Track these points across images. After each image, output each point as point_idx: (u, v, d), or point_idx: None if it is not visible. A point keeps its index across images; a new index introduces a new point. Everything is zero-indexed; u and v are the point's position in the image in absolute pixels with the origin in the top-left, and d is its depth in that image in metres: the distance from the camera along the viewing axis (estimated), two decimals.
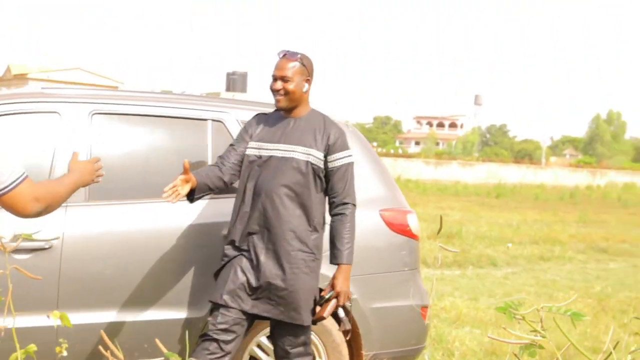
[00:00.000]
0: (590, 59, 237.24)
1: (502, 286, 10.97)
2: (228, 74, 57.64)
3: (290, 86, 4.34)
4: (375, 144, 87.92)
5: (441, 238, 14.94)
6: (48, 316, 2.29)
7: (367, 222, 5.06)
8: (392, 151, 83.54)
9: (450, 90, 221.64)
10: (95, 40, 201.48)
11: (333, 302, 4.32)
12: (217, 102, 5.16)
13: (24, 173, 3.26)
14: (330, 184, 4.39)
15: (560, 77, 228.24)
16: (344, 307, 4.39)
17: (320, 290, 4.40)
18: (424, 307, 5.18)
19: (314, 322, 4.42)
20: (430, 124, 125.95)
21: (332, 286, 4.33)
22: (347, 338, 4.60)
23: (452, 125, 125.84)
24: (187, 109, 4.87)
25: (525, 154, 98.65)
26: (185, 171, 4.13)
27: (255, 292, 4.26)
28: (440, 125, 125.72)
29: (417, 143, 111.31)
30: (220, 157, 4.42)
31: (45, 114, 4.62)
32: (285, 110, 4.42)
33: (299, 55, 4.40)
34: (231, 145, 4.45)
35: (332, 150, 4.37)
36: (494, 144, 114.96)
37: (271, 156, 4.34)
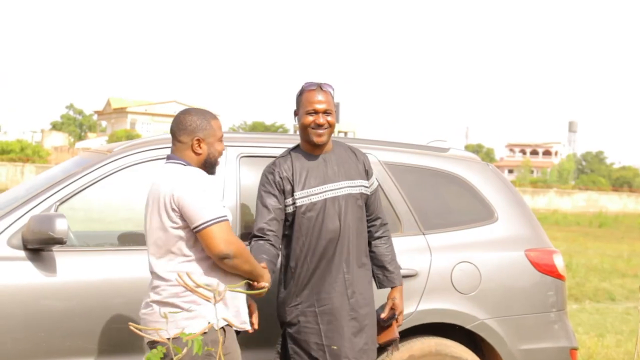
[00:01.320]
0: None
1: (626, 322, 10.66)
2: None
3: (332, 119, 4.18)
4: None
5: None
6: None
7: (512, 263, 5.04)
8: None
9: (543, 117, 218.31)
10: (187, 68, 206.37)
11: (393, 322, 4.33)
12: (360, 143, 5.16)
13: (224, 216, 3.59)
14: (370, 208, 4.33)
15: None
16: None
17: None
18: (573, 350, 5.09)
19: (388, 345, 4.37)
20: (523, 152, 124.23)
21: (393, 307, 4.30)
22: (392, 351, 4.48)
23: (546, 152, 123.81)
24: None
25: (623, 182, 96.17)
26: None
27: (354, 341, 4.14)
28: (534, 152, 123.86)
29: (510, 171, 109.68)
30: (261, 228, 4.06)
31: None
32: (317, 147, 4.21)
33: (331, 86, 4.25)
34: (264, 206, 4.12)
35: (369, 175, 4.33)
36: (590, 171, 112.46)
37: (325, 199, 4.14)
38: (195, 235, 3.60)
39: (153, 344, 3.65)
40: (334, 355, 4.08)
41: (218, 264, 3.61)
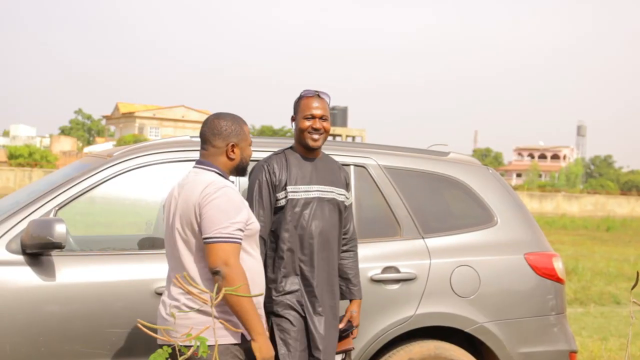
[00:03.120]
0: None
1: (631, 326, 10.62)
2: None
3: (328, 125, 4.35)
4: None
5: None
6: None
7: (511, 266, 5.03)
8: None
9: (551, 121, 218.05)
10: (195, 73, 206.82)
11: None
12: (360, 147, 5.22)
13: (235, 239, 3.54)
14: (344, 220, 4.44)
15: None
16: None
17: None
18: (572, 353, 5.08)
19: (342, 352, 4.42)
20: (531, 156, 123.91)
21: (351, 319, 4.39)
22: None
23: (555, 156, 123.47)
24: (331, 154, 4.92)
25: (632, 186, 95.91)
26: None
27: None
28: (543, 156, 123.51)
29: (518, 175, 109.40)
30: (262, 227, 4.12)
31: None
32: (311, 150, 4.36)
33: (328, 95, 4.40)
34: (261, 200, 4.22)
35: (348, 188, 4.47)
36: (598, 175, 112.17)
37: (315, 198, 4.28)
38: None
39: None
40: (321, 338, 4.18)
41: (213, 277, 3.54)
